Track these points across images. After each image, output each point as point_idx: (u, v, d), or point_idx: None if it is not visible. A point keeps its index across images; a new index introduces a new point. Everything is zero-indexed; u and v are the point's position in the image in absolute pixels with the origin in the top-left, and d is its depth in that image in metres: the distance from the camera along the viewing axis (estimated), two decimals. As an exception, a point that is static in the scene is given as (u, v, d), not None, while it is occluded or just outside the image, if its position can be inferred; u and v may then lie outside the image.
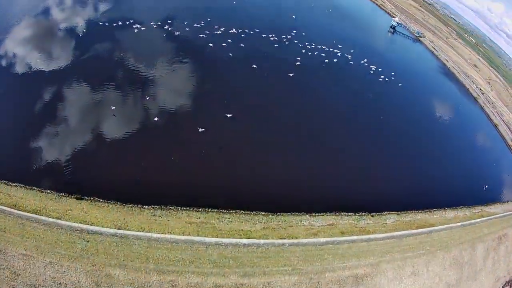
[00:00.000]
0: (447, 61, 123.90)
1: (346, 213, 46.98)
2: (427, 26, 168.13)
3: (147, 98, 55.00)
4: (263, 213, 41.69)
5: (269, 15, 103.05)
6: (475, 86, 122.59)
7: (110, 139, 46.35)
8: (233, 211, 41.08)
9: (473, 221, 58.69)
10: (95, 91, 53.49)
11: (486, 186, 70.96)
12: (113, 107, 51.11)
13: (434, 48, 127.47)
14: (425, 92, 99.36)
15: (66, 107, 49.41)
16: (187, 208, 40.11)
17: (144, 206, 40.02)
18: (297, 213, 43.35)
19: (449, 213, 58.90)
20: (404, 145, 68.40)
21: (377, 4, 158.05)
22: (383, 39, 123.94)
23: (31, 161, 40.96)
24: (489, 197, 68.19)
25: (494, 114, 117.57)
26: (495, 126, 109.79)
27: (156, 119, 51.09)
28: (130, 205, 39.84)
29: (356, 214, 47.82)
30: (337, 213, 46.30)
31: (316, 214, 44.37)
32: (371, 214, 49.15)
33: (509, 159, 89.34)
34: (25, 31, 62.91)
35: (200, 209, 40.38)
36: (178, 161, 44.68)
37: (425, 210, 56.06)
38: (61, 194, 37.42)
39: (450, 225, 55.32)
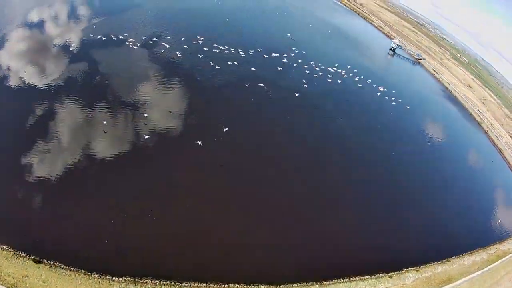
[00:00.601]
0: (449, 84, 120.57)
1: (361, 277, 39.42)
2: (422, 48, 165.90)
3: (139, 129, 48.08)
4: (263, 286, 33.59)
5: (265, 33, 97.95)
6: (478, 110, 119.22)
7: (76, 187, 38.10)
8: (227, 285, 32.86)
9: (491, 266, 55.24)
10: (81, 113, 45.80)
11: (499, 221, 65.96)
12: (105, 122, 45.55)
13: (435, 71, 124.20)
14: (431, 116, 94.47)
15: (31, 145, 41.19)
16: (168, 282, 31.88)
17: (113, 278, 32.06)
18: (304, 283, 35.40)
19: (467, 259, 54.41)
20: (416, 186, 61.25)
21: (374, 26, 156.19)
22: (384, 61, 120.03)
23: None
24: (503, 232, 63.42)
25: (498, 139, 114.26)
26: (500, 151, 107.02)
27: (146, 141, 43.86)
28: (97, 276, 31.95)
29: (373, 276, 40.35)
30: (351, 278, 38.65)
31: (328, 282, 36.57)
32: (389, 274, 41.80)
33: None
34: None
35: (184, 283, 32.16)
36: (157, 218, 36.31)
37: (444, 261, 50.36)
38: (18, 252, 31.71)
39: (470, 276, 51.38)
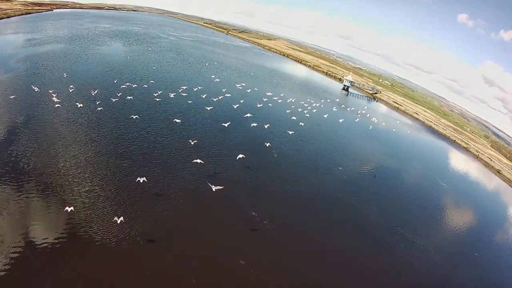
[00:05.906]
0: (418, 114, 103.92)
1: None
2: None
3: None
4: None
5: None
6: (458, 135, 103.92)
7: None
8: None
9: None
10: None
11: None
12: None
13: (395, 103, 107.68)
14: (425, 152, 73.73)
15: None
16: None
17: None
18: None
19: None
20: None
21: (309, 67, 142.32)
22: (344, 98, 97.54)
23: None
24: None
25: (492, 160, 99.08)
26: (498, 172, 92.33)
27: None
28: None
29: None
30: None
31: None
32: None
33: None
34: None
35: None
36: None
37: None
38: None
39: None
